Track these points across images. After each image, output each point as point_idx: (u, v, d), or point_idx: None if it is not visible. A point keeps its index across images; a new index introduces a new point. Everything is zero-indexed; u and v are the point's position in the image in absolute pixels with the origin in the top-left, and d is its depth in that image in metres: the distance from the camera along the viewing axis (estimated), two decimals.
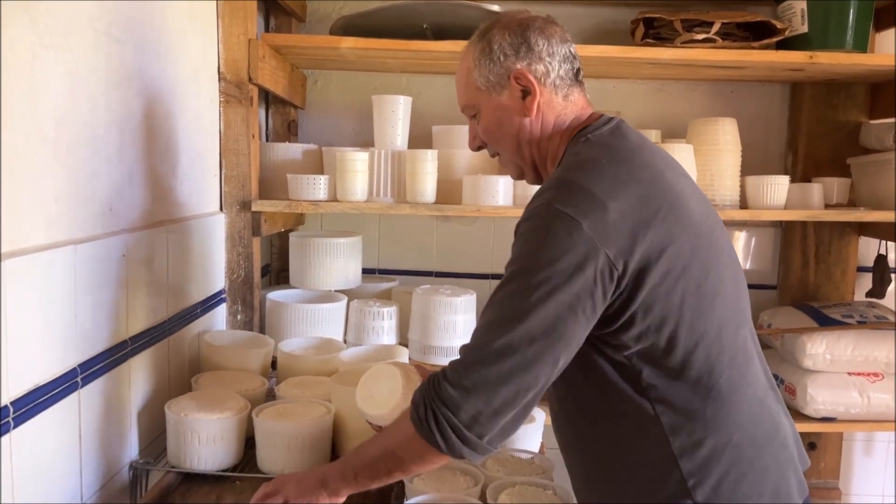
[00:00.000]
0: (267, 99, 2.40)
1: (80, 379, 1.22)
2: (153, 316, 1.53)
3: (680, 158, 1.72)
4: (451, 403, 1.03)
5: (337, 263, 2.17)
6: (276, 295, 2.11)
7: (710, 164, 2.15)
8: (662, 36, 2.11)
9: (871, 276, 2.47)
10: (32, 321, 1.09)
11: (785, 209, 2.14)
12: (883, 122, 2.34)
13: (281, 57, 2.14)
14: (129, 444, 1.45)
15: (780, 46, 2.12)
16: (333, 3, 2.43)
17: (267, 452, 1.43)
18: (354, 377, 1.48)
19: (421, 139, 2.24)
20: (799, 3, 2.11)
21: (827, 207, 2.19)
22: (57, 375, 1.16)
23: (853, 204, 2.33)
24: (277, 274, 2.51)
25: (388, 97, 2.11)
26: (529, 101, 1.19)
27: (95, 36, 1.27)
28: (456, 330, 2.03)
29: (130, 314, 1.41)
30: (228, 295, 1.98)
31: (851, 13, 2.08)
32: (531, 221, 1.07)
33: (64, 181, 1.18)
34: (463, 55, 1.25)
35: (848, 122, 2.44)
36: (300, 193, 2.01)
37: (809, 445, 2.50)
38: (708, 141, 2.16)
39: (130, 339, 1.42)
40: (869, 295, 2.45)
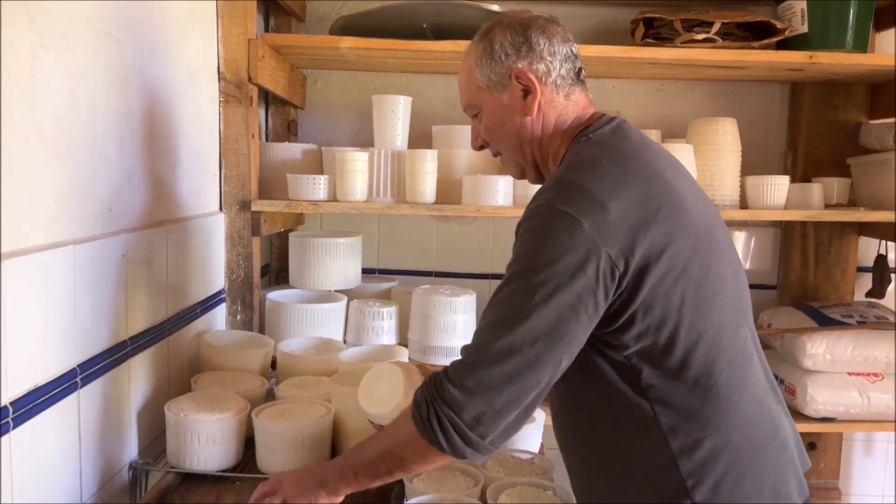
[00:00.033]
0: (266, 99, 2.40)
1: (79, 379, 1.22)
2: (153, 316, 1.52)
3: (680, 158, 1.68)
4: (453, 404, 1.03)
5: (336, 263, 2.17)
6: (275, 295, 2.11)
7: (710, 164, 2.15)
8: (662, 36, 2.11)
9: (870, 276, 2.47)
10: (32, 321, 1.09)
11: (785, 209, 2.14)
12: (883, 122, 2.34)
13: (281, 57, 2.14)
14: (128, 444, 1.45)
15: (780, 46, 2.12)
16: (333, 2, 2.42)
17: (266, 453, 1.43)
18: (354, 377, 1.48)
19: (421, 139, 2.23)
20: (799, 3, 2.10)
21: (827, 207, 2.19)
22: (56, 376, 1.16)
23: (853, 204, 2.33)
24: (277, 274, 2.51)
25: (387, 97, 2.11)
26: (530, 99, 1.19)
27: (95, 36, 1.27)
28: (456, 330, 2.02)
29: (130, 314, 1.41)
30: (228, 295, 1.98)
31: (851, 13, 2.08)
32: (532, 221, 1.07)
33: (63, 181, 1.18)
34: (465, 55, 1.26)
35: (848, 122, 2.44)
36: (300, 193, 2.00)
37: (809, 445, 2.50)
38: (708, 141, 2.16)
39: (130, 339, 1.42)
40: (869, 295, 2.45)
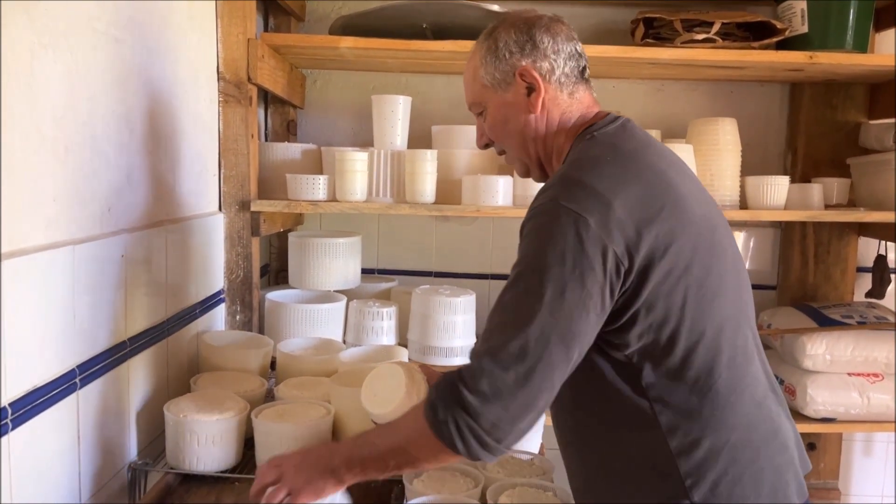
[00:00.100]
0: (266, 99, 2.40)
1: (78, 380, 1.22)
2: (152, 316, 1.52)
3: None
4: (471, 410, 1.01)
5: (336, 263, 2.16)
6: (275, 295, 2.11)
7: (709, 164, 2.15)
8: (662, 36, 2.11)
9: (870, 276, 2.47)
10: (31, 322, 1.09)
11: (785, 209, 2.14)
12: (883, 122, 2.34)
13: (280, 56, 2.14)
14: (127, 445, 1.44)
15: (780, 46, 2.12)
16: (333, 2, 2.42)
17: (266, 453, 1.42)
18: (354, 378, 1.48)
19: (420, 139, 2.23)
20: (799, 3, 2.10)
21: (826, 208, 2.19)
22: (56, 376, 1.15)
23: (853, 204, 2.33)
24: (276, 274, 2.51)
25: (387, 97, 2.10)
26: (534, 97, 1.20)
27: (95, 36, 1.27)
28: (455, 330, 2.02)
29: (129, 315, 1.41)
30: (227, 295, 1.97)
31: (851, 13, 2.08)
32: (537, 220, 1.06)
33: (63, 181, 1.18)
34: (470, 54, 1.27)
35: (847, 122, 2.44)
36: (299, 193, 2.00)
37: (809, 446, 2.50)
38: (708, 141, 2.16)
39: (129, 339, 1.41)
40: (868, 295, 2.45)
